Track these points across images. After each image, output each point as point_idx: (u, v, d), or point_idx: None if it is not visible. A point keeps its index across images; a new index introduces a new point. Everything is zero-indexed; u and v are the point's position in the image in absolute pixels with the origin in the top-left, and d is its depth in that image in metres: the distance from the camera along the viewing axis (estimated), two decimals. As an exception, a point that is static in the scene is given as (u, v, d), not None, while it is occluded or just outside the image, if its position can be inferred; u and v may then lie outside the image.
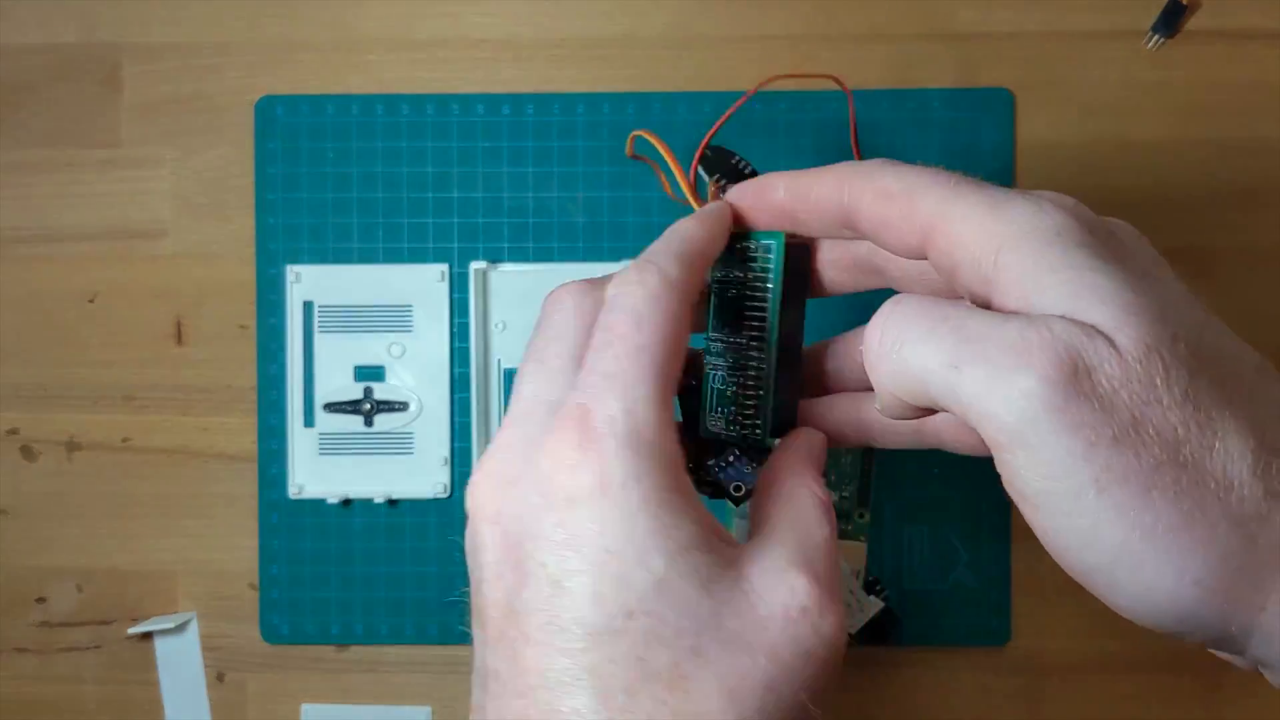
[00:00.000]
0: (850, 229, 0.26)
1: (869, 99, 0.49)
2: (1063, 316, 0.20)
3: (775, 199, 0.27)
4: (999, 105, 0.49)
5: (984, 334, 0.21)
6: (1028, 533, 0.22)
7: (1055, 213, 0.22)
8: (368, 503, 0.49)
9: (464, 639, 0.34)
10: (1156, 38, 0.49)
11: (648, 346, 0.23)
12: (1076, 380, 0.20)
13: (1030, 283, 0.21)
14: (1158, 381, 0.20)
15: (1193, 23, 0.49)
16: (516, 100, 0.50)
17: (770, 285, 0.28)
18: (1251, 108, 0.49)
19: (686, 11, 0.50)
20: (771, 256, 0.28)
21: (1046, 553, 0.22)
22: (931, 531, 0.49)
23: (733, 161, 0.31)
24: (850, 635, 0.47)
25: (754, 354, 0.28)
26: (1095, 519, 0.20)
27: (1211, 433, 0.20)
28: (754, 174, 0.31)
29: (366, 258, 0.50)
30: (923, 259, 0.24)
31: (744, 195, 0.28)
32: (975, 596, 0.49)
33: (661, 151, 0.31)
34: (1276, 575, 0.20)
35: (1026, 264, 0.21)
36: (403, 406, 0.49)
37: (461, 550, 0.25)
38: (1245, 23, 0.49)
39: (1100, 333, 0.20)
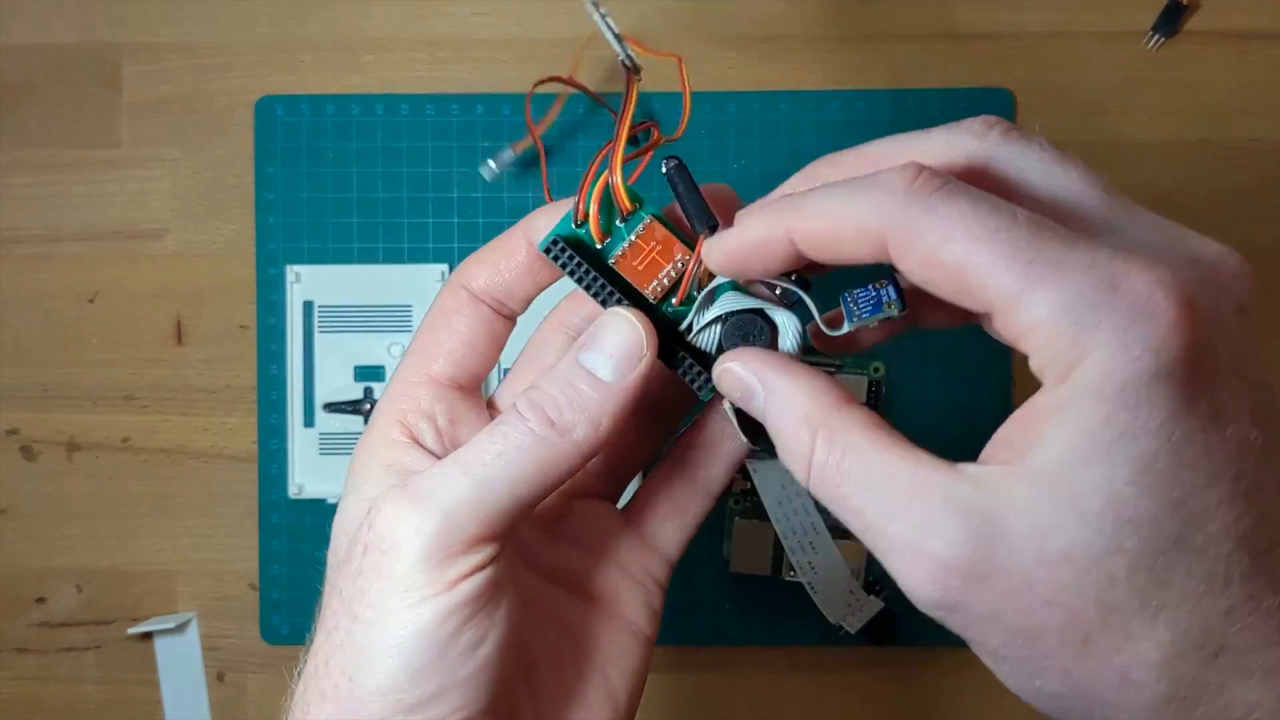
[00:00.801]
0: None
1: (869, 99, 0.49)
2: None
3: (783, 249, 0.23)
4: (999, 105, 0.49)
5: (880, 527, 0.22)
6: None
7: (1145, 355, 0.18)
8: (368, 503, 0.49)
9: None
10: (1156, 38, 0.49)
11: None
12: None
13: (1060, 475, 0.20)
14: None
15: (1193, 23, 0.49)
16: (516, 100, 0.49)
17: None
18: (1251, 108, 0.49)
19: (687, 12, 0.50)
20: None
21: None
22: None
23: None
24: (850, 635, 0.47)
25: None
26: None
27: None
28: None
29: (366, 258, 0.50)
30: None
31: (739, 245, 0.24)
32: (975, 596, 0.49)
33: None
34: None
35: (1069, 447, 0.19)
36: (403, 406, 0.49)
37: None
38: (1245, 23, 0.49)
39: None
